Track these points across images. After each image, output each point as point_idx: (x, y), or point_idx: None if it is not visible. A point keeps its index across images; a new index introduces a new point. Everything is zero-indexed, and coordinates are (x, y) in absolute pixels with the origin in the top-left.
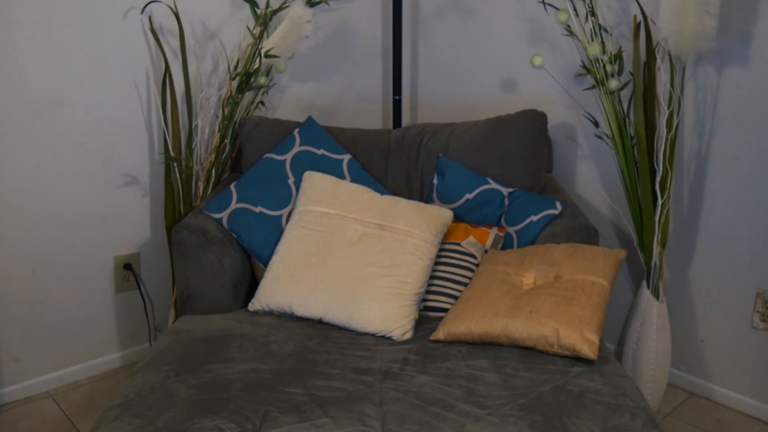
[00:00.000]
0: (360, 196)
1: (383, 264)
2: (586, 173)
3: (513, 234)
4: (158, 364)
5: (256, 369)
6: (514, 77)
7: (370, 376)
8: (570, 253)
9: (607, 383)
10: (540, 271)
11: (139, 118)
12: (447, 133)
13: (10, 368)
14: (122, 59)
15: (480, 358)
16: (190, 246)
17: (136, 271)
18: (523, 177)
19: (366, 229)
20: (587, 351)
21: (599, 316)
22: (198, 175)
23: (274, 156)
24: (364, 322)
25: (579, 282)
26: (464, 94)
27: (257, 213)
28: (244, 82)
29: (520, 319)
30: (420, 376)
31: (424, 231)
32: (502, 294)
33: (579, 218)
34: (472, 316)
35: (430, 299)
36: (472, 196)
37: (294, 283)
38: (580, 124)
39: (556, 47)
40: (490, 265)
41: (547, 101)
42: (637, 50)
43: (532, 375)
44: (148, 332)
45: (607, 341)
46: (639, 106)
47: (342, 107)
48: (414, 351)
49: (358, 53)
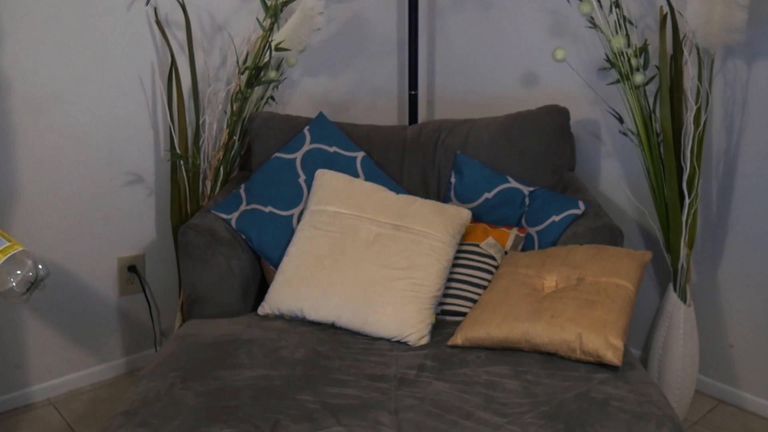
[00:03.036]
0: (374, 195)
1: (399, 266)
2: (610, 171)
3: (534, 235)
4: (164, 370)
5: (265, 375)
6: (535, 71)
7: (384, 382)
8: (593, 255)
9: (632, 390)
10: (562, 273)
11: (144, 114)
12: (465, 130)
13: (10, 375)
14: (126, 53)
15: (499, 364)
16: (198, 247)
17: (140, 273)
18: (545, 175)
19: (381, 229)
20: (611, 357)
21: (624, 320)
22: (205, 173)
23: (285, 154)
24: (379, 327)
25: (603, 285)
26: (483, 88)
27: (267, 213)
28: (253, 76)
29: (541, 323)
30: (437, 383)
31: (442, 232)
32: (522, 297)
33: (603, 218)
34: (491, 320)
35: (448, 303)
36: (491, 195)
37: (305, 286)
38: (603, 120)
39: (578, 40)
40: (510, 267)
41: (570, 96)
42: (664, 43)
43: (554, 382)
44: (153, 337)
45: (632, 346)
46: (665, 101)
47: (355, 103)
48: (431, 357)
49: (373, 46)
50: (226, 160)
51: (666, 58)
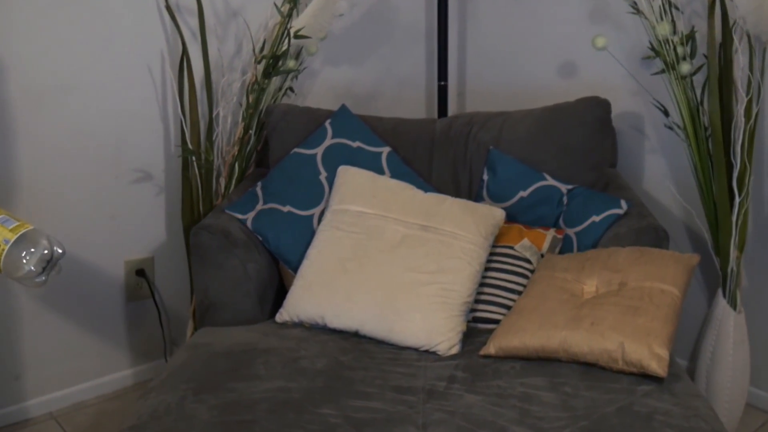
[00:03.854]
0: (401, 194)
1: (427, 270)
2: (655, 168)
3: (572, 236)
4: (175, 382)
5: (284, 387)
6: (574, 60)
7: (412, 395)
8: (636, 258)
9: (679, 403)
10: (603, 277)
11: (153, 107)
12: (498, 123)
13: (9, 387)
14: (134, 41)
15: (536, 375)
16: (211, 249)
17: (149, 277)
18: (584, 172)
19: (408, 230)
20: (656, 367)
21: (669, 328)
22: (219, 170)
23: (304, 149)
24: (406, 335)
25: (647, 290)
26: (518, 79)
27: (285, 213)
28: (270, 65)
29: (580, 331)
30: (468, 396)
31: (473, 233)
32: (560, 303)
33: (646, 218)
34: (526, 328)
35: (480, 309)
36: (526, 193)
37: (327, 292)
38: (647, 113)
39: (620, 27)
40: (547, 271)
41: (611, 87)
42: (712, 30)
43: (594, 394)
44: (163, 346)
45: (678, 356)
46: (714, 92)
47: (380, 94)
48: (461, 367)
49: (399, 33)
50: (241, 155)
51: (715, 46)
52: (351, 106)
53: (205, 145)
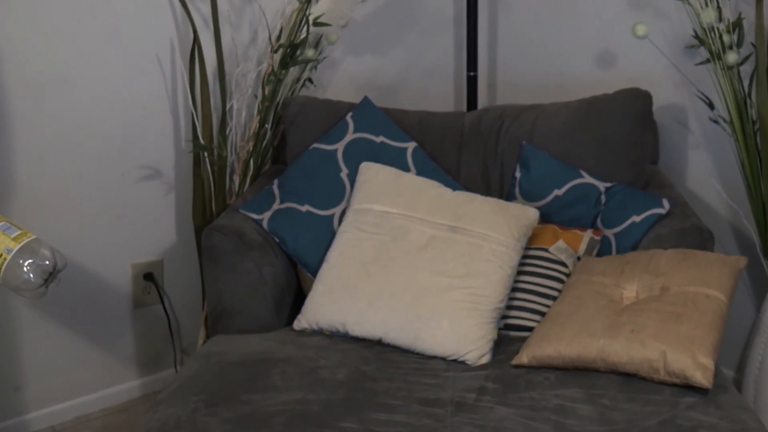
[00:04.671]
0: (427, 192)
1: (455, 274)
2: (699, 165)
3: (611, 237)
4: (185, 393)
5: (302, 399)
6: (613, 50)
7: (439, 408)
8: (680, 261)
9: (725, 416)
10: (643, 282)
11: (162, 99)
12: (532, 117)
13: (8, 398)
14: (142, 28)
15: (572, 386)
16: (224, 252)
17: (158, 282)
18: (624, 169)
19: (434, 231)
20: (700, 378)
21: (715, 336)
22: (233, 166)
23: (324, 144)
24: (433, 343)
25: (690, 295)
26: (552, 69)
27: (304, 213)
28: (288, 55)
29: (619, 339)
30: (499, 408)
31: (505, 234)
32: (598, 310)
33: (690, 219)
34: (562, 336)
35: (512, 316)
36: (562, 192)
37: (348, 297)
38: (691, 106)
39: (662, 14)
40: (583, 274)
41: (652, 78)
42: (761, 17)
43: (634, 407)
44: (173, 355)
45: (723, 366)
46: (762, 83)
47: (405, 86)
48: (492, 378)
49: (426, 20)
50: (256, 151)
51: (763, 34)
52: (374, 99)
53: (218, 140)
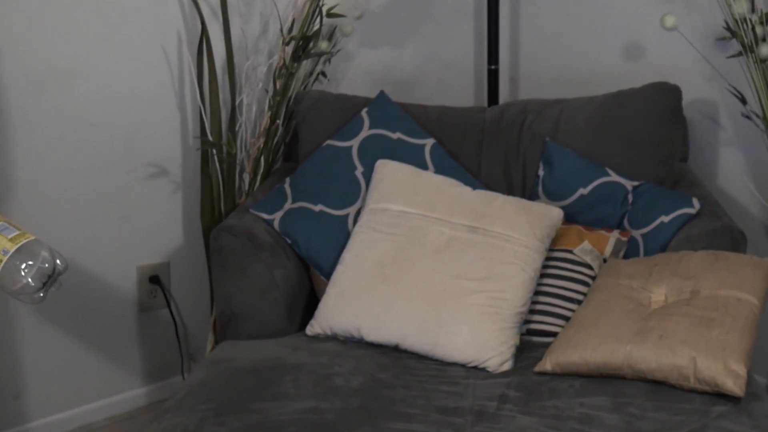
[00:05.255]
0: (446, 191)
1: (475, 276)
2: (731, 162)
3: (639, 238)
4: (193, 402)
5: (315, 408)
6: (640, 42)
7: (459, 417)
8: (710, 263)
9: (757, 426)
10: (672, 285)
11: (168, 94)
12: (555, 113)
13: (8, 407)
14: (147, 19)
15: (597, 394)
16: (234, 254)
17: (165, 285)
18: (652, 167)
19: (454, 232)
20: (732, 385)
21: (747, 341)
22: (243, 164)
23: (338, 141)
24: (452, 350)
25: (722, 299)
26: (577, 62)
27: (317, 212)
28: (300, 47)
29: (647, 345)
30: (522, 418)
31: (527, 235)
32: (625, 314)
33: (722, 219)
34: (587, 341)
35: (535, 320)
36: (587, 191)
37: (364, 301)
38: (722, 101)
39: (693, 4)
40: (610, 277)
41: (682, 72)
42: None
43: (663, 416)
44: (180, 362)
45: (756, 373)
46: None
47: (423, 79)
48: (514, 386)
49: (444, 11)
50: (267, 148)
51: None
52: (390, 93)
53: (227, 136)
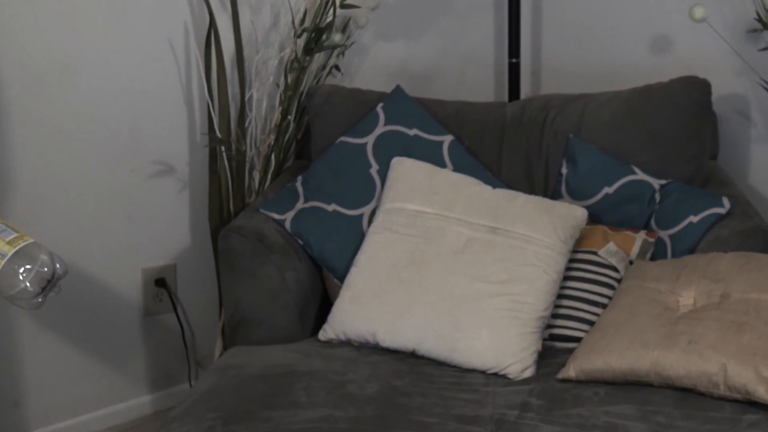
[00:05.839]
0: (465, 190)
1: (496, 279)
2: (763, 160)
3: (666, 239)
4: (200, 410)
5: (329, 417)
6: (667, 34)
7: (478, 426)
8: (741, 265)
9: None
10: (702, 288)
11: (175, 88)
12: (579, 108)
13: (8, 415)
14: (153, 10)
15: (623, 402)
16: (243, 255)
17: (171, 288)
18: (680, 165)
19: (473, 233)
20: (764, 393)
21: None
22: (252, 162)
23: (352, 138)
24: (471, 355)
25: (753, 303)
26: (601, 56)
27: (330, 212)
28: (313, 40)
29: (675, 351)
30: (544, 427)
31: (550, 236)
32: (652, 318)
33: (753, 219)
34: (612, 347)
35: (558, 325)
36: (612, 189)
37: (379, 305)
38: (754, 96)
39: None
40: (636, 280)
41: (711, 65)
42: None
43: (692, 425)
44: (187, 369)
45: None
46: None
47: (441, 74)
48: (536, 393)
49: (463, 2)
50: (278, 145)
51: None
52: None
53: (236, 133)
